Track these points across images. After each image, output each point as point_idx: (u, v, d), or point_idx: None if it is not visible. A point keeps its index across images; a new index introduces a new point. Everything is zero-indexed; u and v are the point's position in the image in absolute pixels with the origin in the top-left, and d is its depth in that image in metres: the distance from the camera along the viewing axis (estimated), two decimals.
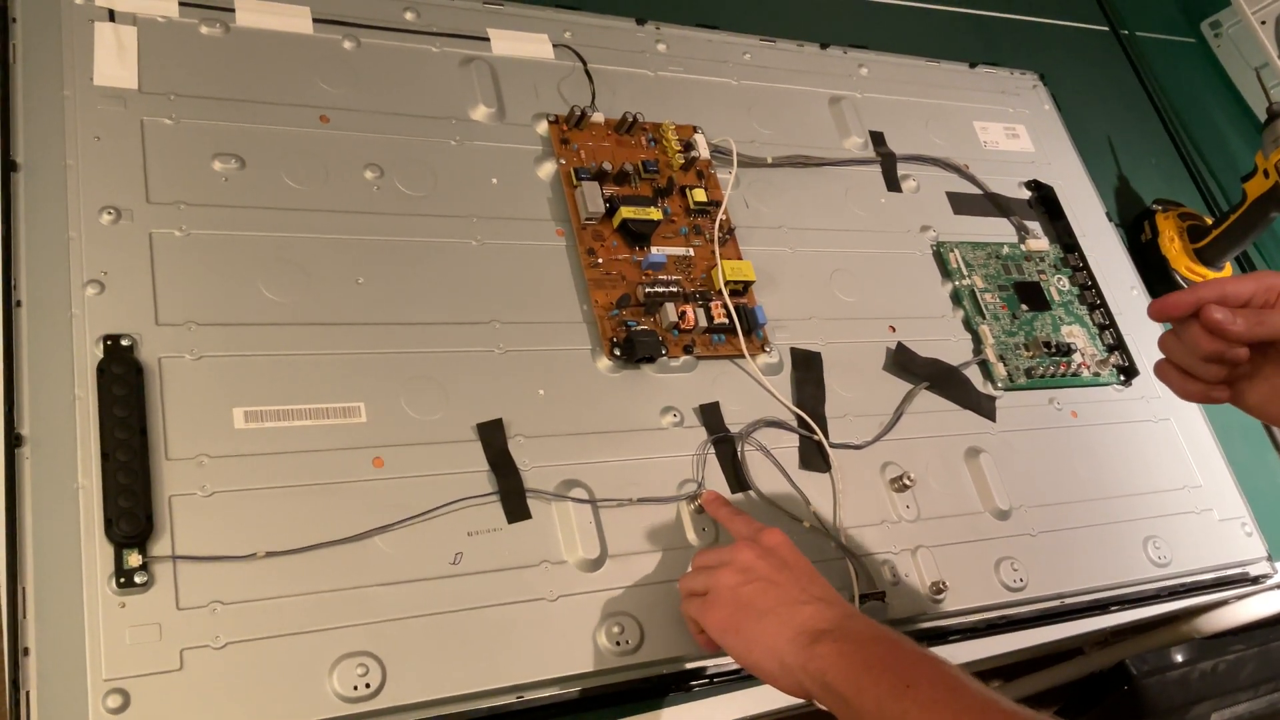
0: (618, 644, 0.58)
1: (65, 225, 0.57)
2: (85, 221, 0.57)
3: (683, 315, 0.68)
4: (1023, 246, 0.88)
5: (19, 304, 0.54)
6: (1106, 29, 1.21)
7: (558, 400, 0.64)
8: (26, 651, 0.48)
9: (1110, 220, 0.96)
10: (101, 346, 0.54)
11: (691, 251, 0.72)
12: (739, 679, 0.61)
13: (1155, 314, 0.56)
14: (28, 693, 0.47)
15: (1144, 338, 0.87)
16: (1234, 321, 0.53)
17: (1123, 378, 0.85)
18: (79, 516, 0.51)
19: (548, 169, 0.72)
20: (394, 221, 0.65)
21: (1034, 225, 0.90)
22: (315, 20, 0.70)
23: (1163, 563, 0.77)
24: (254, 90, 0.66)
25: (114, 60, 0.62)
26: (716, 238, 0.73)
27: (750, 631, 0.54)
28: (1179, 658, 0.85)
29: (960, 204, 0.89)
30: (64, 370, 0.54)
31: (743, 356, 0.70)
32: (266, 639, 0.51)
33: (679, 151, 0.75)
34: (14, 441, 0.51)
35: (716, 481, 0.66)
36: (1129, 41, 1.20)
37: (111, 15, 0.64)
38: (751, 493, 0.66)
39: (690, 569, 0.60)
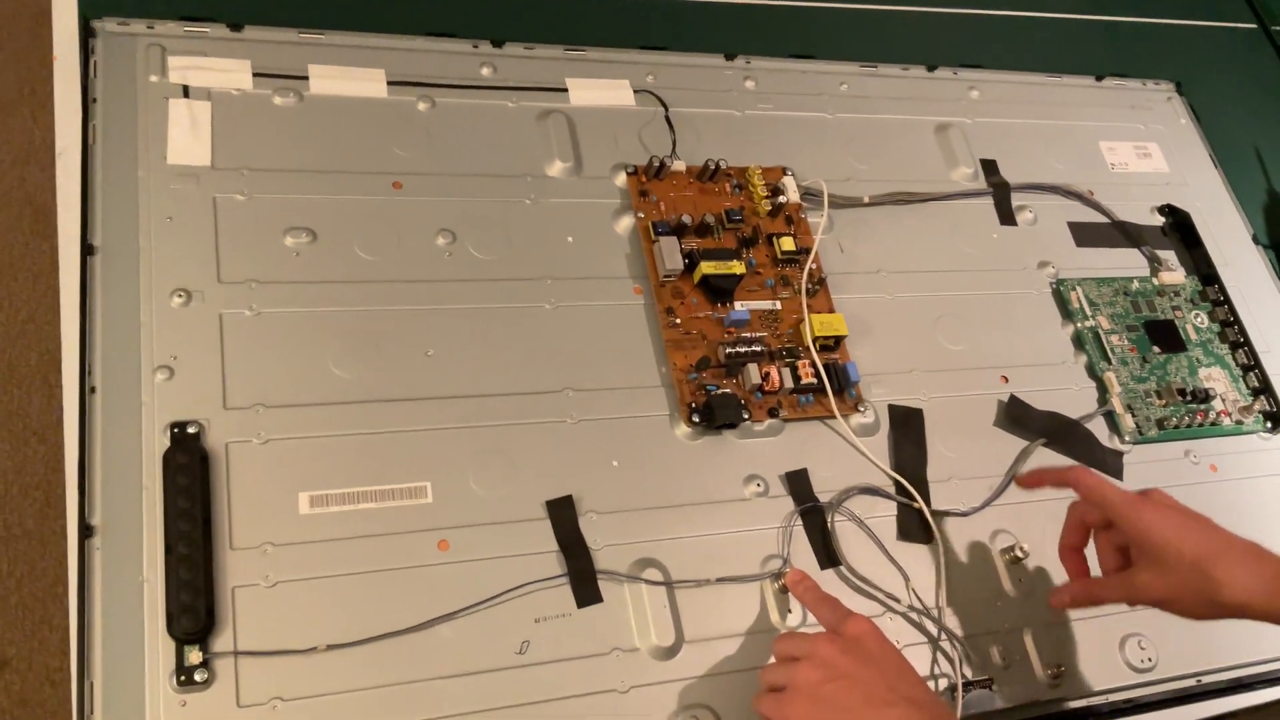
0: None
1: (137, 309, 0.57)
2: (156, 305, 0.57)
3: (766, 376, 0.64)
4: (1155, 280, 0.80)
5: (93, 390, 0.55)
6: (1254, 25, 1.10)
7: (633, 472, 0.61)
8: None
9: (1257, 243, 0.87)
10: (169, 435, 0.54)
11: (778, 305, 0.68)
12: None
13: None
14: None
15: None
16: None
17: (1269, 425, 0.76)
18: (143, 611, 0.50)
19: (625, 223, 0.69)
20: (465, 288, 0.64)
21: (1168, 255, 0.82)
22: (390, 83, 0.69)
23: None
24: (327, 160, 0.65)
25: (188, 137, 0.62)
26: (804, 289, 0.68)
27: None
28: None
29: (1083, 235, 0.82)
30: (133, 459, 0.54)
31: (833, 417, 0.66)
32: None
33: (765, 197, 0.71)
34: (85, 532, 0.52)
35: (804, 556, 0.62)
36: None
37: (186, 91, 0.64)
38: (843, 568, 0.62)
39: (771, 657, 0.56)
